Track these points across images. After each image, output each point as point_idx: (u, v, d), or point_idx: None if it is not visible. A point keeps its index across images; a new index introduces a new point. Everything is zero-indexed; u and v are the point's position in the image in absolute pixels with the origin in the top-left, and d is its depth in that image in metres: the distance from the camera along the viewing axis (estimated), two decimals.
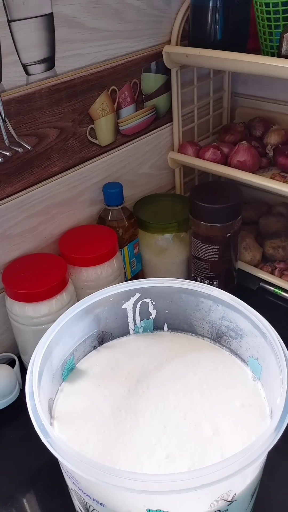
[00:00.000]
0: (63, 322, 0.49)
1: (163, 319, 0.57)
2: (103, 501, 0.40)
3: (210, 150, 0.84)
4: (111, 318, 0.55)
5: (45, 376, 0.45)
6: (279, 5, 0.66)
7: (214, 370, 0.52)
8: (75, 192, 0.76)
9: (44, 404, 0.44)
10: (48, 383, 0.47)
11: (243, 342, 0.51)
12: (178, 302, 0.54)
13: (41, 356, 0.45)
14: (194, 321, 0.55)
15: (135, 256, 0.83)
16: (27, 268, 0.68)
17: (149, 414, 0.47)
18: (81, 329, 0.52)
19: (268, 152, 0.86)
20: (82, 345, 0.53)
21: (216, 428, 0.46)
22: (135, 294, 0.54)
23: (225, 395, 0.49)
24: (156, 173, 0.91)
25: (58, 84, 0.67)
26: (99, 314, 0.53)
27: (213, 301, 0.51)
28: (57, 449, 0.37)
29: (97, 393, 0.50)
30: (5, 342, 0.75)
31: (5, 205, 0.66)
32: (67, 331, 0.50)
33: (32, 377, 0.43)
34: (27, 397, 0.42)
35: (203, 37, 0.75)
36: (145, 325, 0.57)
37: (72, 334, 0.51)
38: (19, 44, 0.60)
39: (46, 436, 0.38)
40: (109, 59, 0.73)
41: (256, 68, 0.68)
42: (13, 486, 0.60)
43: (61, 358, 0.50)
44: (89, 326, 0.53)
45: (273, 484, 0.58)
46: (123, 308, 0.55)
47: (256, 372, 0.50)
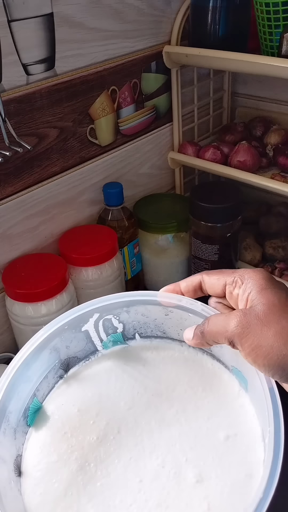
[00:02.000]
0: (12, 373, 0.42)
1: (133, 329, 0.50)
2: None
3: (210, 150, 0.84)
4: (72, 344, 0.48)
5: (2, 439, 0.40)
6: (279, 5, 0.66)
7: (193, 396, 0.45)
8: (75, 192, 0.76)
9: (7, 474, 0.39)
10: (11, 443, 0.41)
11: (225, 351, 0.45)
12: (145, 313, 0.48)
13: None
14: (168, 328, 0.49)
15: (135, 256, 0.83)
16: (27, 268, 0.68)
17: (121, 466, 0.41)
18: (38, 368, 0.45)
19: (268, 152, 0.86)
20: (44, 381, 0.46)
21: (199, 473, 0.40)
22: (93, 315, 0.46)
23: (207, 427, 0.43)
24: (156, 173, 0.91)
25: (58, 84, 0.67)
26: (56, 345, 0.46)
27: (184, 311, 0.44)
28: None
29: (63, 443, 0.43)
30: (5, 342, 0.75)
31: (5, 205, 0.66)
32: (21, 379, 0.43)
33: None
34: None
35: (203, 37, 0.75)
36: (113, 339, 0.50)
37: (27, 379, 0.44)
38: (19, 44, 0.60)
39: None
40: (109, 59, 0.73)
41: (256, 68, 0.68)
42: None
43: (20, 408, 0.43)
44: (47, 361, 0.46)
45: None
46: (83, 331, 0.47)
47: (243, 383, 0.45)
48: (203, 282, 0.42)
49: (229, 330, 0.36)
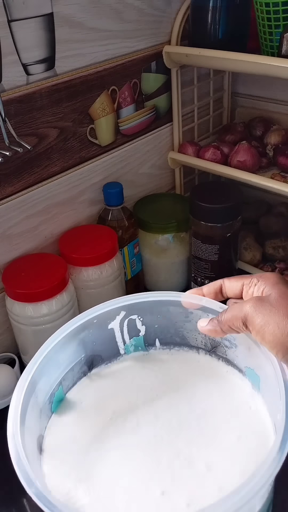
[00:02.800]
0: (46, 352, 0.45)
1: (154, 334, 0.53)
2: None
3: (210, 150, 0.84)
4: (98, 341, 0.51)
5: (31, 413, 0.43)
6: (279, 5, 0.66)
7: (210, 399, 0.48)
8: (75, 192, 0.76)
9: (31, 444, 0.42)
10: (35, 420, 0.44)
11: (238, 352, 0.48)
12: (166, 316, 0.51)
13: (23, 394, 0.42)
14: (186, 333, 0.53)
15: (135, 256, 0.83)
16: (27, 268, 0.68)
17: (140, 452, 0.44)
18: (67, 357, 0.49)
19: (268, 152, 0.86)
20: (70, 373, 0.50)
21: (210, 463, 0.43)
22: (120, 312, 0.50)
23: (220, 428, 0.46)
24: (156, 173, 0.91)
25: (58, 84, 0.67)
26: (85, 338, 0.49)
27: (203, 311, 0.48)
28: (43, 500, 0.36)
29: (86, 428, 0.47)
30: (5, 342, 0.75)
31: (5, 205, 0.66)
32: (51, 361, 0.46)
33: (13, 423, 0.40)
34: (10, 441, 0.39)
35: (203, 37, 0.75)
36: (135, 343, 0.54)
37: (57, 364, 0.47)
38: (19, 44, 0.60)
39: (31, 486, 0.37)
40: (109, 59, 0.73)
41: (256, 68, 0.68)
42: (13, 486, 0.60)
43: (48, 390, 0.47)
44: (75, 353, 0.49)
45: None
46: (109, 328, 0.51)
47: (255, 383, 0.47)
48: (223, 285, 0.46)
49: (244, 311, 0.40)
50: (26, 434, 0.40)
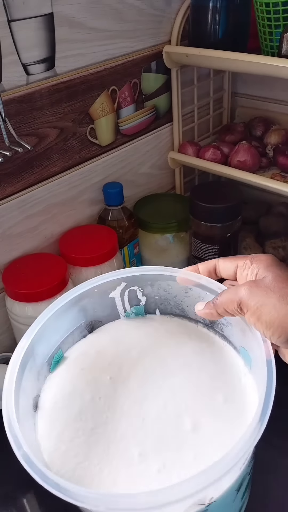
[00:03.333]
0: (43, 321, 0.47)
1: (154, 304, 0.55)
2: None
3: (210, 150, 0.84)
4: (98, 308, 0.53)
5: (28, 376, 0.44)
6: (279, 5, 0.66)
7: (200, 358, 0.50)
8: (75, 192, 0.76)
9: (26, 405, 0.43)
10: (33, 382, 0.46)
11: (234, 331, 0.49)
12: (166, 289, 0.53)
13: (19, 360, 0.44)
14: (186, 307, 0.54)
15: (135, 256, 0.83)
16: (27, 268, 0.68)
17: (127, 405, 0.46)
18: (67, 323, 0.51)
19: (268, 152, 0.86)
20: (70, 337, 0.52)
21: (195, 423, 0.44)
22: (120, 283, 0.52)
23: (208, 386, 0.47)
24: (156, 173, 0.91)
25: (58, 84, 0.67)
26: (85, 305, 0.51)
27: (202, 289, 0.48)
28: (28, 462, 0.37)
29: (79, 378, 0.49)
30: (5, 342, 0.75)
31: (5, 205, 0.66)
32: (50, 328, 0.48)
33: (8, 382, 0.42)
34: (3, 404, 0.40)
35: (203, 37, 0.75)
36: (136, 311, 0.55)
37: (56, 329, 0.50)
38: (19, 44, 0.60)
39: (19, 449, 0.38)
40: (109, 59, 0.73)
41: (256, 68, 0.68)
42: (13, 486, 0.60)
43: (46, 354, 0.49)
44: (75, 318, 0.52)
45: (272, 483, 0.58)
46: (110, 297, 0.53)
47: (247, 362, 0.48)
48: (217, 265, 0.47)
49: (239, 294, 0.41)
50: (21, 395, 0.42)
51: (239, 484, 0.44)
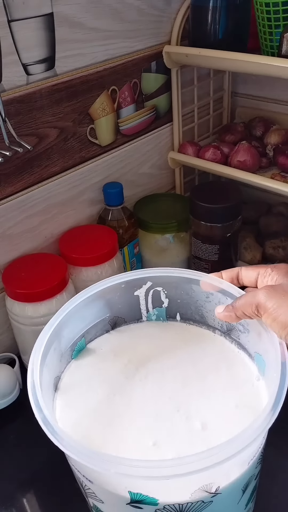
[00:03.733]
0: (73, 306, 0.50)
1: (176, 308, 0.57)
2: (91, 478, 0.41)
3: (210, 150, 0.84)
4: (123, 304, 0.55)
5: (52, 355, 0.47)
6: (279, 5, 0.66)
7: (215, 368, 0.51)
8: (75, 192, 0.76)
9: (48, 380, 0.46)
10: (56, 362, 0.49)
11: (250, 337, 0.51)
12: (189, 293, 0.54)
13: (47, 336, 0.46)
14: (206, 313, 0.55)
15: (135, 256, 0.83)
16: (27, 268, 0.68)
17: (142, 402, 0.48)
18: (92, 313, 0.53)
19: (268, 152, 0.86)
20: (93, 328, 0.54)
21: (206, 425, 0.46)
22: (146, 282, 0.54)
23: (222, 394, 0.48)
24: (156, 173, 0.91)
25: (58, 84, 0.67)
26: (111, 299, 0.54)
27: (222, 294, 0.50)
28: (47, 425, 0.39)
29: (96, 374, 0.51)
30: (5, 342, 0.75)
31: (5, 205, 0.66)
32: (77, 314, 0.51)
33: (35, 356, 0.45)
34: (28, 373, 0.43)
35: (203, 37, 0.75)
36: (158, 313, 0.58)
37: (82, 318, 0.52)
38: (19, 44, 0.60)
39: (39, 412, 0.40)
40: (109, 59, 0.73)
41: (256, 68, 0.68)
42: (13, 486, 0.60)
43: (71, 339, 0.52)
44: (100, 311, 0.54)
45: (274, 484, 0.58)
46: (135, 295, 0.55)
47: (261, 369, 0.50)
48: (240, 273, 0.49)
49: (257, 297, 0.42)
50: (44, 370, 0.44)
51: (246, 484, 0.45)
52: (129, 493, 0.39)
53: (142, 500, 0.39)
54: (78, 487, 0.48)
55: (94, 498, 0.44)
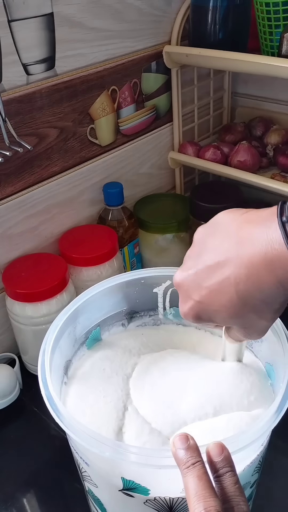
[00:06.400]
0: (91, 294, 0.51)
1: None
2: (87, 461, 0.42)
3: (210, 150, 0.84)
4: (141, 300, 0.56)
5: (66, 338, 0.49)
6: (279, 5, 0.66)
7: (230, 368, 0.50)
8: (75, 192, 0.76)
9: (58, 363, 0.47)
10: (68, 346, 0.50)
11: (263, 346, 0.51)
12: None
13: (63, 320, 0.48)
14: None
15: (135, 256, 0.83)
16: (27, 268, 0.68)
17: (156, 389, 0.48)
18: (110, 304, 0.54)
19: (268, 152, 0.86)
20: (109, 319, 0.55)
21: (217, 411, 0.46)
22: (166, 280, 0.54)
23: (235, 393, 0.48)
24: (156, 173, 0.91)
25: (58, 84, 0.67)
26: (130, 293, 0.55)
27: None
28: (50, 402, 0.40)
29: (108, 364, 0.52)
30: (5, 342, 0.75)
31: (5, 205, 0.66)
32: (95, 303, 0.52)
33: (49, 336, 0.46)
34: (40, 352, 0.44)
35: (203, 37, 0.75)
36: (174, 313, 0.58)
37: (99, 307, 0.53)
38: (19, 44, 0.60)
39: (46, 388, 0.41)
40: (110, 59, 0.73)
41: (256, 68, 0.68)
42: (13, 486, 0.60)
43: (86, 326, 0.53)
44: (118, 303, 0.55)
45: (273, 484, 0.58)
46: (153, 292, 0.56)
47: (271, 378, 0.49)
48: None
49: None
50: (56, 351, 0.46)
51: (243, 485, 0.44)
52: (122, 480, 0.39)
53: (134, 488, 0.40)
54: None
55: (89, 481, 0.45)
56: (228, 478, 0.33)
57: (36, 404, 0.68)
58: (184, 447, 0.34)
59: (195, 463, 0.33)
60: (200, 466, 0.33)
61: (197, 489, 0.32)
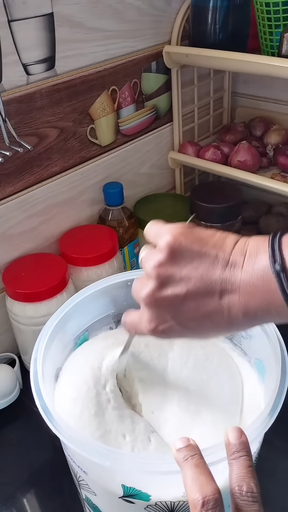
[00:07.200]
0: (78, 300, 0.51)
1: None
2: (85, 469, 0.41)
3: (211, 150, 0.84)
4: (128, 302, 0.54)
5: (56, 344, 0.48)
6: (279, 5, 0.66)
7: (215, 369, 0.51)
8: (76, 192, 0.76)
9: (50, 370, 0.47)
10: (59, 351, 0.50)
11: (252, 343, 0.51)
12: None
13: (52, 327, 0.47)
14: None
15: (135, 256, 0.83)
16: (28, 268, 0.68)
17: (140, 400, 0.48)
18: (97, 308, 0.54)
19: (268, 152, 0.86)
20: (97, 323, 0.55)
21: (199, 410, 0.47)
22: None
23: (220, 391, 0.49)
24: (157, 173, 0.91)
25: (58, 84, 0.67)
26: (116, 296, 0.54)
27: None
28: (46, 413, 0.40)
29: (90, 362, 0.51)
30: (5, 342, 0.75)
31: (6, 205, 0.66)
32: (82, 308, 0.52)
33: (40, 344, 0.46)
34: (32, 361, 0.44)
35: (203, 37, 0.75)
36: None
37: (87, 312, 0.53)
38: (19, 44, 0.60)
39: (40, 399, 0.41)
40: (110, 59, 0.73)
41: (256, 68, 0.68)
42: (13, 486, 0.60)
43: (75, 332, 0.53)
44: (106, 306, 0.55)
45: (274, 484, 0.58)
46: None
47: (261, 375, 0.50)
48: None
49: None
50: (47, 360, 0.46)
51: None
52: (122, 487, 0.39)
53: (135, 495, 0.40)
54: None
55: (87, 490, 0.44)
56: (243, 461, 0.33)
57: (36, 404, 0.68)
58: (184, 446, 0.34)
59: (193, 455, 0.34)
60: (198, 457, 0.34)
61: (193, 475, 0.32)
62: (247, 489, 0.32)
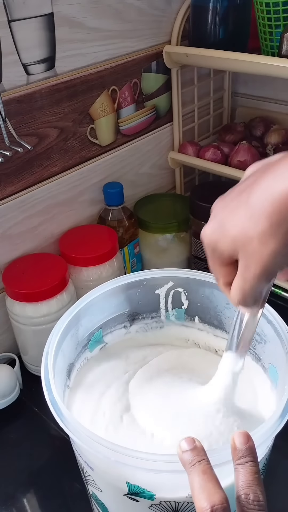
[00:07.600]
0: (93, 296, 0.51)
1: (195, 311, 0.57)
2: (92, 465, 0.42)
3: (211, 150, 0.84)
4: (143, 301, 0.56)
5: (69, 341, 0.49)
6: (279, 5, 0.66)
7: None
8: (76, 192, 0.76)
9: (61, 365, 0.47)
10: (71, 348, 0.50)
11: (266, 348, 0.50)
12: (210, 297, 0.54)
13: (65, 322, 0.48)
14: (224, 319, 0.55)
15: (135, 256, 0.83)
16: (28, 268, 0.68)
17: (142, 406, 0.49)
18: (112, 306, 0.54)
19: (268, 152, 0.86)
20: (111, 321, 0.55)
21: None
22: (168, 282, 0.55)
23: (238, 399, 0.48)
24: (157, 173, 0.91)
25: (58, 84, 0.67)
26: (131, 295, 0.55)
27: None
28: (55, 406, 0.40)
29: (109, 368, 0.53)
30: (5, 342, 0.75)
31: (6, 205, 0.66)
32: (97, 305, 0.52)
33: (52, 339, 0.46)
34: (43, 356, 0.44)
35: (203, 37, 0.75)
36: (176, 314, 0.58)
37: (101, 309, 0.53)
38: (19, 44, 0.60)
39: (49, 393, 0.41)
40: (110, 59, 0.73)
41: (256, 68, 0.68)
42: (13, 486, 0.60)
43: (89, 329, 0.53)
44: (120, 305, 0.55)
45: (274, 484, 0.58)
46: (155, 293, 0.56)
47: (274, 380, 0.49)
48: None
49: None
50: (59, 355, 0.46)
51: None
52: (127, 484, 0.39)
53: (140, 493, 0.40)
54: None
55: (93, 485, 0.45)
56: (249, 467, 0.33)
57: (36, 404, 0.68)
58: (190, 448, 0.34)
59: (200, 460, 0.33)
60: (205, 463, 0.33)
61: (201, 482, 0.32)
62: (253, 498, 0.31)
